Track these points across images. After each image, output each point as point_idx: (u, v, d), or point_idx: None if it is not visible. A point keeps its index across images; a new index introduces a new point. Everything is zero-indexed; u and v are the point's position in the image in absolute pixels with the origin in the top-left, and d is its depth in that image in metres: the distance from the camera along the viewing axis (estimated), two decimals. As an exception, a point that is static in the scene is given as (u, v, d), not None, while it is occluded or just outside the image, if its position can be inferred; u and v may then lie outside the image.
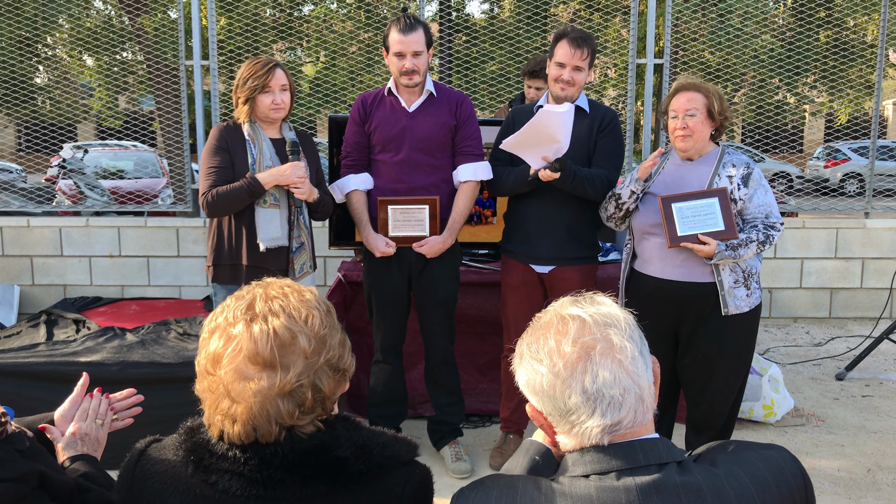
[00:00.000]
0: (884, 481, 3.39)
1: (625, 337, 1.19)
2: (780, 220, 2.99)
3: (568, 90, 3.25)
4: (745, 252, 2.89)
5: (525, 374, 1.23)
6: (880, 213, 6.36)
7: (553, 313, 1.25)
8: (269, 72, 3.09)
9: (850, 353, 5.15)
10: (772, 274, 6.05)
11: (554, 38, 3.30)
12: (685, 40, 7.62)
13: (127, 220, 6.00)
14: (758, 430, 3.92)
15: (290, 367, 1.23)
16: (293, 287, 1.33)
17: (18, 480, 1.30)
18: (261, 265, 3.12)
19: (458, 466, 3.45)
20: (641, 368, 1.19)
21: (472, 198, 3.39)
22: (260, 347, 1.23)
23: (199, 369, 1.29)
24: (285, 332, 1.24)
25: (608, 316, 1.21)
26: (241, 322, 1.26)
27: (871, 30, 9.09)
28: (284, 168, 3.11)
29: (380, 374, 3.53)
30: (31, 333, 3.94)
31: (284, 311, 1.26)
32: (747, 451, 1.24)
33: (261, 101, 3.12)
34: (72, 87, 8.61)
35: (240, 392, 1.22)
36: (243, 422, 1.23)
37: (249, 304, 1.28)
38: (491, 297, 3.92)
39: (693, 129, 2.98)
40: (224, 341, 1.25)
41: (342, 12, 9.54)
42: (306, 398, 1.24)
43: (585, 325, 1.19)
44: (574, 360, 1.17)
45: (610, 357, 1.17)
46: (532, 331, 1.26)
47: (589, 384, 1.16)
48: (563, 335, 1.19)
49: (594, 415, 1.16)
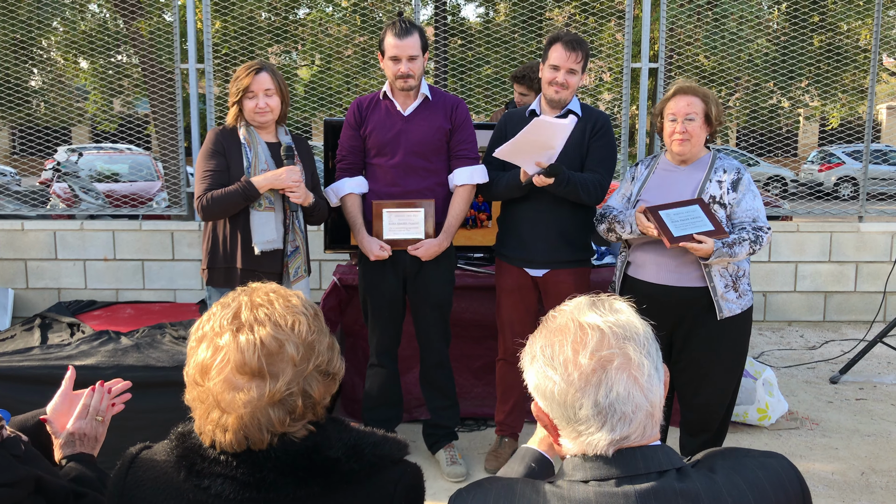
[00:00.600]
0: (877, 484, 3.40)
1: (642, 352, 1.18)
2: (768, 225, 3.01)
3: (562, 93, 3.26)
4: (739, 250, 2.90)
5: (536, 377, 1.22)
6: (874, 216, 6.39)
7: (570, 318, 1.22)
8: (249, 76, 3.10)
9: (844, 356, 5.16)
10: (766, 277, 6.07)
11: (548, 41, 3.32)
12: (680, 44, 7.65)
13: (122, 223, 5.99)
14: (752, 434, 3.93)
15: (279, 375, 1.23)
16: (279, 293, 1.32)
17: (14, 486, 1.30)
18: (256, 268, 3.12)
19: (454, 470, 3.44)
20: (655, 384, 1.18)
21: (467, 201, 3.39)
22: (247, 358, 1.22)
23: (188, 379, 1.28)
24: (272, 342, 1.23)
25: (627, 327, 1.19)
26: (228, 332, 1.25)
27: (864, 34, 9.14)
28: (279, 172, 3.11)
29: (375, 378, 3.52)
30: (25, 337, 3.93)
31: (270, 320, 1.26)
32: (746, 457, 1.24)
33: (246, 106, 3.14)
34: (66, 90, 8.59)
35: (229, 403, 1.22)
36: (234, 431, 1.22)
37: (235, 312, 1.27)
38: (486, 301, 3.93)
39: (692, 133, 2.98)
40: (212, 352, 1.25)
41: (337, 16, 9.56)
42: (297, 405, 1.24)
43: (604, 337, 1.17)
44: (589, 372, 1.15)
45: (626, 373, 1.15)
46: (547, 333, 1.23)
47: (602, 398, 1.14)
48: (581, 346, 1.17)
49: (603, 428, 1.15)
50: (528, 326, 3.43)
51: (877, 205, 7.34)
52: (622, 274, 3.17)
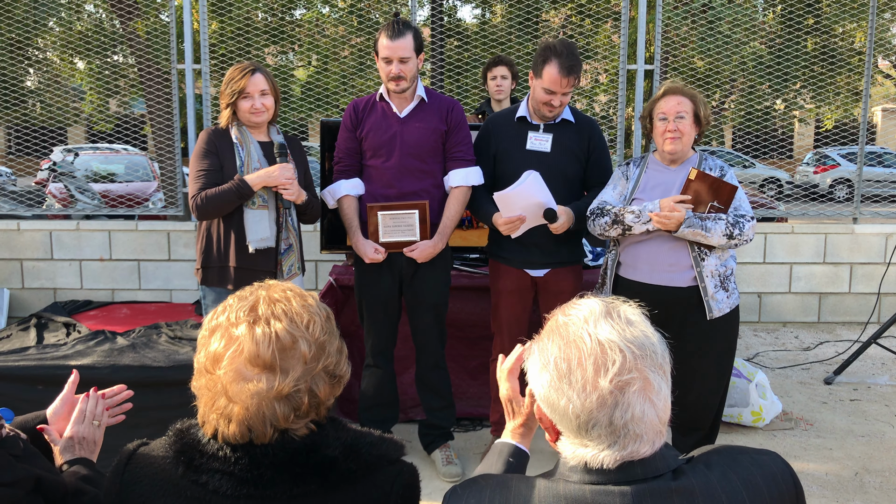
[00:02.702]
0: (871, 484, 3.42)
1: (659, 373, 1.17)
2: (751, 214, 3.05)
3: (555, 111, 3.29)
4: (713, 226, 2.93)
5: (546, 388, 1.19)
6: (868, 218, 6.42)
7: (586, 331, 1.18)
8: (244, 77, 3.12)
9: (839, 357, 5.19)
10: (761, 279, 6.09)
11: (542, 54, 3.22)
12: (675, 46, 7.67)
13: (118, 223, 5.99)
14: (747, 434, 3.94)
15: (290, 371, 1.24)
16: (295, 291, 1.34)
17: (13, 485, 1.31)
18: (250, 266, 3.15)
19: (449, 470, 3.45)
20: (668, 402, 1.18)
21: (463, 203, 3.40)
22: (261, 350, 1.24)
23: (198, 367, 1.30)
24: (287, 336, 1.25)
25: (645, 345, 1.17)
26: (244, 324, 1.27)
27: (859, 37, 9.17)
28: (272, 169, 3.13)
29: (371, 379, 3.53)
30: (21, 337, 3.93)
31: (287, 316, 1.28)
32: (741, 455, 1.25)
33: (241, 106, 3.16)
34: (63, 90, 8.58)
35: (237, 392, 1.24)
36: (238, 422, 1.24)
37: (252, 305, 1.29)
38: (481, 302, 3.94)
39: (682, 131, 3.03)
40: (226, 342, 1.26)
41: (334, 16, 9.56)
42: (303, 402, 1.26)
43: (626, 361, 1.15)
44: (607, 395, 1.14)
45: (643, 396, 1.15)
46: (561, 343, 1.19)
47: (617, 419, 1.14)
48: (603, 368, 1.14)
49: (613, 447, 1.15)
50: (525, 327, 3.47)
51: (871, 206, 7.35)
52: (613, 274, 3.19)
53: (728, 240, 2.96)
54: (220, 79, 7.06)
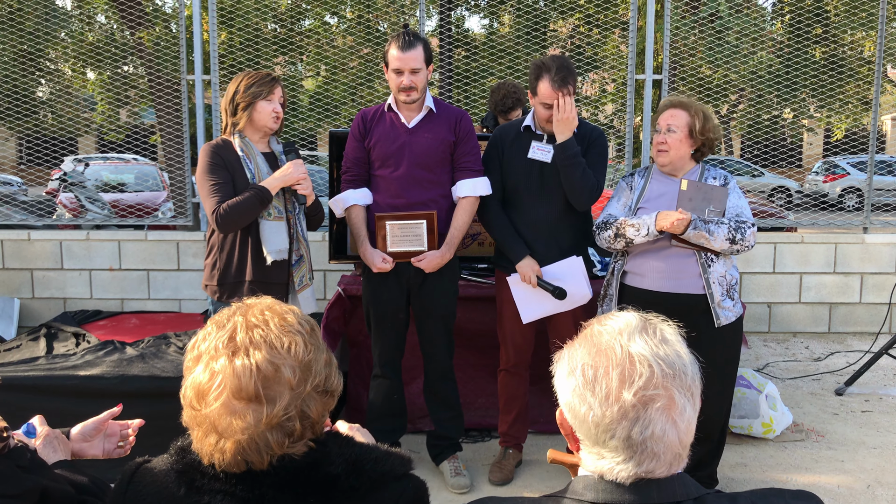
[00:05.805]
0: (883, 497, 3.38)
1: (686, 395, 1.14)
2: (752, 221, 3.11)
3: None
4: (716, 230, 2.99)
5: (571, 394, 1.17)
6: (879, 227, 6.38)
7: (619, 342, 1.16)
8: (273, 81, 3.17)
9: (850, 368, 5.15)
10: (771, 288, 6.06)
11: (534, 72, 3.27)
12: (683, 56, 7.67)
13: (127, 233, 6.01)
14: (757, 446, 3.92)
15: (277, 399, 1.21)
16: (273, 310, 1.30)
17: (19, 497, 1.31)
18: (263, 279, 3.14)
19: (458, 481, 3.44)
20: (691, 425, 1.15)
21: (470, 213, 3.40)
22: (244, 383, 1.20)
23: (184, 401, 1.26)
24: (268, 366, 1.21)
25: (675, 364, 1.15)
26: (224, 357, 1.23)
27: (868, 46, 9.14)
28: (286, 168, 3.17)
29: (379, 389, 3.53)
30: (30, 347, 3.94)
31: (266, 342, 1.23)
32: (775, 497, 1.20)
33: (261, 108, 3.14)
34: (73, 101, 8.64)
35: (226, 428, 1.20)
36: (233, 454, 1.21)
37: (231, 335, 1.25)
38: (490, 311, 3.92)
39: (670, 145, 3.12)
40: (209, 376, 1.23)
41: (342, 27, 9.60)
42: (295, 428, 1.23)
43: (653, 376, 1.12)
44: (629, 407, 1.11)
45: (666, 415, 1.12)
46: (591, 351, 1.18)
47: (636, 434, 1.11)
48: (629, 380, 1.12)
49: (629, 461, 1.12)
50: (530, 337, 3.46)
51: (882, 216, 7.32)
52: (619, 283, 3.20)
53: (731, 244, 3.01)
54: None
